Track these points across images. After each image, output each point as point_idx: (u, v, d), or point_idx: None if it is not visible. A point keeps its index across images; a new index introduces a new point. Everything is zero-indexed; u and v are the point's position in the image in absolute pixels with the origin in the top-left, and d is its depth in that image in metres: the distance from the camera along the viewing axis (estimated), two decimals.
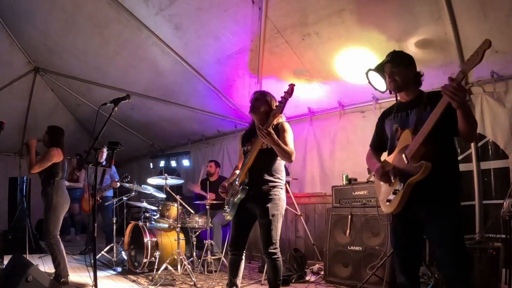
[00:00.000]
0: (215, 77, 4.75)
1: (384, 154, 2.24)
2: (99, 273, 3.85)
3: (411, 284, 1.96)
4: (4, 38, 5.05)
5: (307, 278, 3.89)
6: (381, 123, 2.26)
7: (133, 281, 3.86)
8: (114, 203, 5.08)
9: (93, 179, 2.58)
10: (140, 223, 4.43)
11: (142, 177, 7.77)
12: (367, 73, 3.27)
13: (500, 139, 3.32)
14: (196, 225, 4.33)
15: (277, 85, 4.43)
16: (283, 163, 2.71)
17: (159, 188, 4.94)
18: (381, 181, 2.10)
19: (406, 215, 1.97)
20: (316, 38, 3.63)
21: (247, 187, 2.58)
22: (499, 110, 3.31)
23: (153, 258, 4.09)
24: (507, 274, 2.69)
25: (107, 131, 2.49)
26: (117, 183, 5.16)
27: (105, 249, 4.90)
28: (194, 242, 4.43)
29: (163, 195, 4.90)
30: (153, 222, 4.60)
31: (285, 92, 2.40)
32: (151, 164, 7.38)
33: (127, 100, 2.57)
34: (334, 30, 3.48)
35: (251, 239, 4.83)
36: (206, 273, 4.20)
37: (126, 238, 4.49)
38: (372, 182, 3.53)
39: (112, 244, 4.81)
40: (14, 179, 6.45)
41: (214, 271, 4.20)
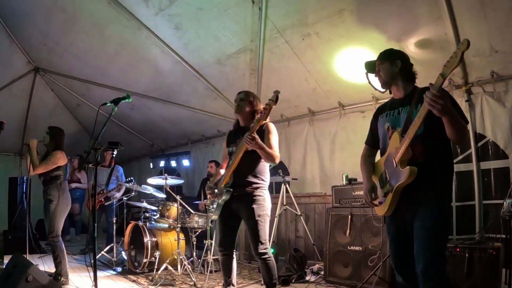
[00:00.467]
0: (215, 77, 4.75)
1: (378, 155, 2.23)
2: (99, 273, 3.85)
3: (409, 284, 1.96)
4: (4, 38, 5.05)
5: (307, 278, 3.89)
6: (375, 121, 2.23)
7: (133, 281, 3.86)
8: (115, 203, 5.08)
9: (93, 179, 2.58)
10: (140, 223, 4.43)
11: (142, 177, 7.78)
12: (367, 73, 3.27)
13: (500, 139, 3.32)
14: (196, 225, 4.33)
15: (277, 85, 4.43)
16: (267, 165, 2.74)
17: (159, 188, 4.95)
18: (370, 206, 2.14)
19: (397, 217, 1.97)
20: (316, 38, 3.63)
21: (231, 190, 2.61)
22: (499, 110, 3.31)
23: (153, 258, 4.09)
24: (507, 274, 2.69)
25: (107, 131, 2.49)
26: (123, 186, 5.16)
27: (105, 249, 4.90)
28: (194, 242, 4.43)
29: (163, 195, 4.90)
30: (153, 222, 4.60)
31: (270, 100, 2.38)
32: (151, 164, 7.38)
33: (127, 100, 2.58)
34: (334, 30, 3.48)
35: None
36: (206, 273, 4.20)
37: (126, 238, 4.49)
38: None
39: (112, 244, 4.81)
40: (14, 179, 6.45)
41: (214, 271, 4.20)
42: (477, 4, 2.82)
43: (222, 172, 2.83)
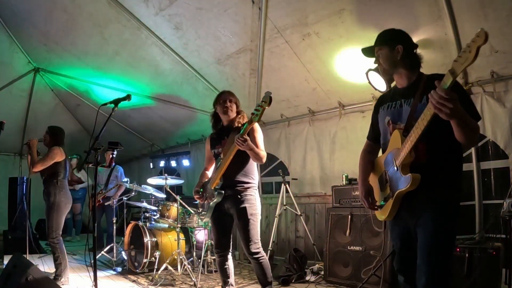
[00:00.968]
0: (215, 77, 4.75)
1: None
2: (99, 273, 3.85)
3: (410, 285, 1.90)
4: (4, 38, 5.05)
5: (307, 278, 3.89)
6: (375, 113, 2.02)
7: (133, 281, 3.86)
8: (115, 203, 5.08)
9: (94, 179, 2.58)
10: (140, 223, 4.43)
11: (142, 177, 7.78)
12: (367, 73, 3.27)
13: (500, 139, 3.31)
14: (196, 225, 4.33)
15: (277, 85, 4.44)
16: (256, 164, 2.75)
17: (159, 188, 4.94)
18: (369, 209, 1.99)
19: (400, 222, 1.83)
20: (316, 38, 3.63)
21: (223, 192, 2.61)
22: (499, 110, 3.31)
23: (153, 258, 4.09)
24: (507, 274, 2.68)
25: (107, 131, 2.49)
26: (123, 186, 5.16)
27: (105, 249, 4.90)
28: (194, 242, 4.43)
29: (163, 195, 4.90)
30: (153, 222, 4.60)
31: (263, 101, 2.34)
32: (151, 164, 7.38)
33: (127, 100, 2.57)
34: (334, 30, 3.48)
35: None
36: (206, 273, 4.20)
37: (126, 238, 4.49)
38: None
39: (112, 244, 4.81)
40: (14, 179, 6.45)
41: (214, 271, 4.20)
42: (477, 4, 2.82)
43: (209, 174, 2.84)
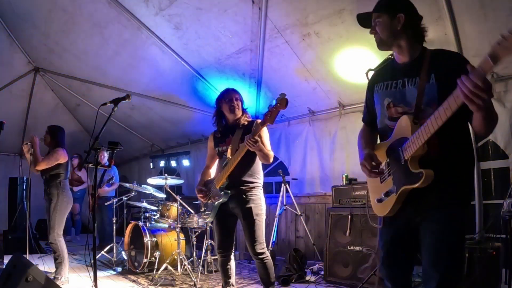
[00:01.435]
0: (215, 77, 4.75)
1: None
2: (99, 273, 3.85)
3: None
4: (4, 38, 5.06)
5: (307, 278, 3.89)
6: (370, 92, 1.76)
7: (133, 281, 3.86)
8: (115, 203, 5.08)
9: (93, 179, 2.58)
10: (140, 223, 4.43)
11: (142, 177, 7.78)
12: (367, 73, 3.26)
13: (500, 139, 3.31)
14: (196, 225, 4.33)
15: (277, 85, 4.44)
16: (261, 164, 2.73)
17: (159, 188, 4.94)
18: (370, 177, 1.65)
19: (401, 219, 1.59)
20: (316, 38, 3.63)
21: (229, 192, 2.58)
22: (499, 110, 3.31)
23: (153, 258, 4.09)
24: (507, 274, 2.69)
25: (107, 131, 2.49)
26: (115, 184, 5.19)
27: (105, 249, 4.90)
28: (194, 242, 4.43)
29: (163, 195, 4.90)
30: (153, 222, 4.60)
31: (278, 103, 2.18)
32: (151, 164, 7.38)
33: (127, 100, 2.57)
34: (334, 30, 3.48)
35: None
36: (206, 273, 4.20)
37: (126, 238, 4.49)
38: None
39: (112, 244, 4.81)
40: (14, 179, 6.45)
41: (214, 271, 4.20)
42: (477, 4, 2.82)
43: (212, 172, 2.81)
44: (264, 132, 2.63)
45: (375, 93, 1.70)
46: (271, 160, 2.59)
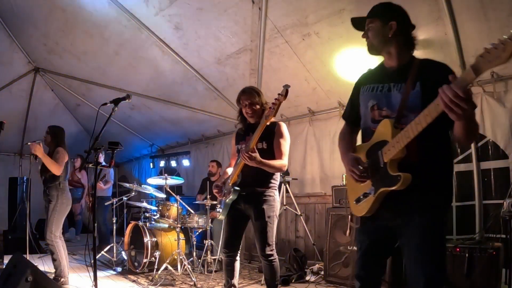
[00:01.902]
0: (215, 77, 4.75)
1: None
2: (99, 273, 3.85)
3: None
4: (4, 38, 5.06)
5: (307, 278, 3.89)
6: (356, 92, 1.80)
7: (133, 281, 3.86)
8: (115, 203, 5.09)
9: (93, 179, 2.58)
10: (140, 223, 4.43)
11: (142, 177, 7.79)
12: None
13: (500, 139, 3.31)
14: (196, 225, 4.33)
15: (277, 85, 4.43)
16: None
17: (159, 188, 4.94)
18: (351, 178, 1.68)
19: (378, 221, 1.62)
20: (316, 38, 3.63)
21: (239, 189, 2.53)
22: (499, 110, 3.31)
23: (153, 258, 4.09)
24: (507, 274, 2.69)
25: (107, 131, 2.49)
26: (110, 182, 5.22)
27: (105, 249, 4.90)
28: (194, 242, 4.43)
29: (163, 195, 4.90)
30: (153, 222, 4.60)
31: (279, 94, 2.20)
32: (151, 164, 7.39)
33: (127, 100, 2.57)
34: (334, 30, 3.48)
35: (251, 240, 4.85)
36: (206, 273, 4.20)
37: (126, 238, 4.49)
38: None
39: (112, 244, 4.81)
40: (14, 179, 6.46)
41: (214, 271, 4.20)
42: (477, 4, 2.82)
43: (230, 171, 2.74)
44: (283, 138, 2.57)
45: (361, 95, 1.74)
46: (284, 169, 2.53)
